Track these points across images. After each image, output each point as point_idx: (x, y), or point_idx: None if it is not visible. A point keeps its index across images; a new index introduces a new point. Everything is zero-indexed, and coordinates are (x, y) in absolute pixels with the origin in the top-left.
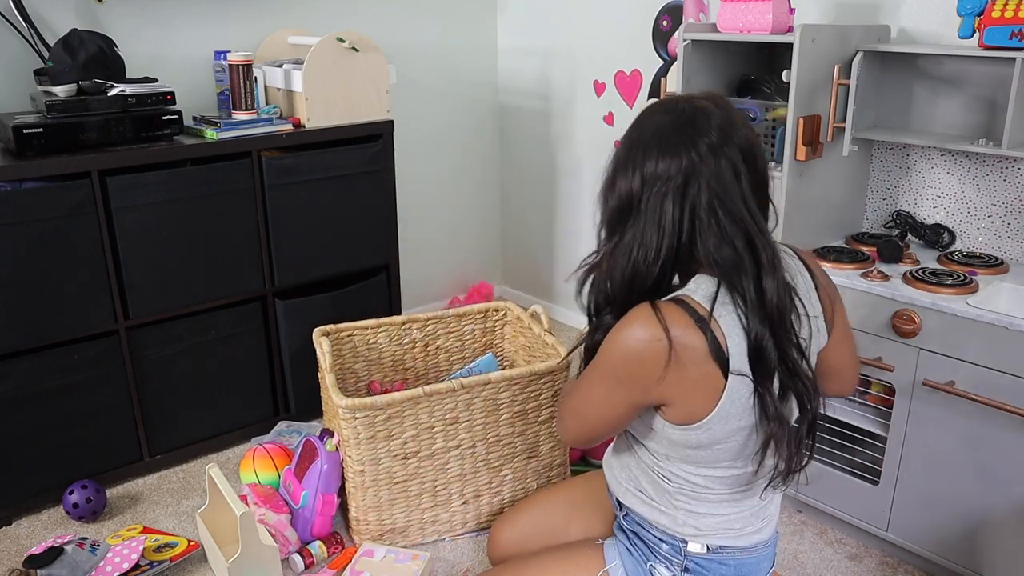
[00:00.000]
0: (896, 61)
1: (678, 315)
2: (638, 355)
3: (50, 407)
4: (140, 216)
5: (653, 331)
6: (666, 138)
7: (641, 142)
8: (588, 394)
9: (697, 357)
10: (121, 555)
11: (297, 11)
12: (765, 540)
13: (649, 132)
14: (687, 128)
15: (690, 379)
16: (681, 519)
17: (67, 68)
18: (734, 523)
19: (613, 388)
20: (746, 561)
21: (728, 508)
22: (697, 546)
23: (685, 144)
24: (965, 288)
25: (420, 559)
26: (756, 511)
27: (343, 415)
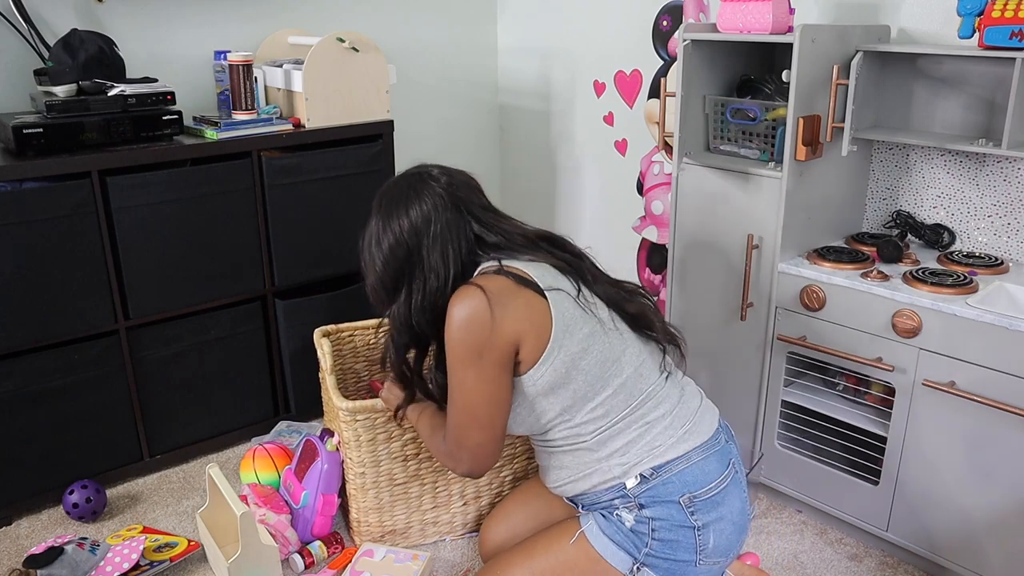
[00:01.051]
0: (896, 61)
1: (479, 279)
2: (471, 320)
3: (50, 407)
4: (140, 216)
5: (466, 298)
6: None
7: (391, 203)
8: (464, 391)
9: (509, 288)
10: (121, 555)
11: (297, 11)
12: (697, 445)
13: (389, 196)
14: (418, 178)
15: (518, 309)
16: (605, 467)
17: (67, 68)
18: (652, 442)
19: (478, 365)
20: (686, 470)
21: (638, 429)
22: (632, 480)
23: (427, 188)
24: (965, 288)
25: (420, 559)
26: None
27: (344, 418)
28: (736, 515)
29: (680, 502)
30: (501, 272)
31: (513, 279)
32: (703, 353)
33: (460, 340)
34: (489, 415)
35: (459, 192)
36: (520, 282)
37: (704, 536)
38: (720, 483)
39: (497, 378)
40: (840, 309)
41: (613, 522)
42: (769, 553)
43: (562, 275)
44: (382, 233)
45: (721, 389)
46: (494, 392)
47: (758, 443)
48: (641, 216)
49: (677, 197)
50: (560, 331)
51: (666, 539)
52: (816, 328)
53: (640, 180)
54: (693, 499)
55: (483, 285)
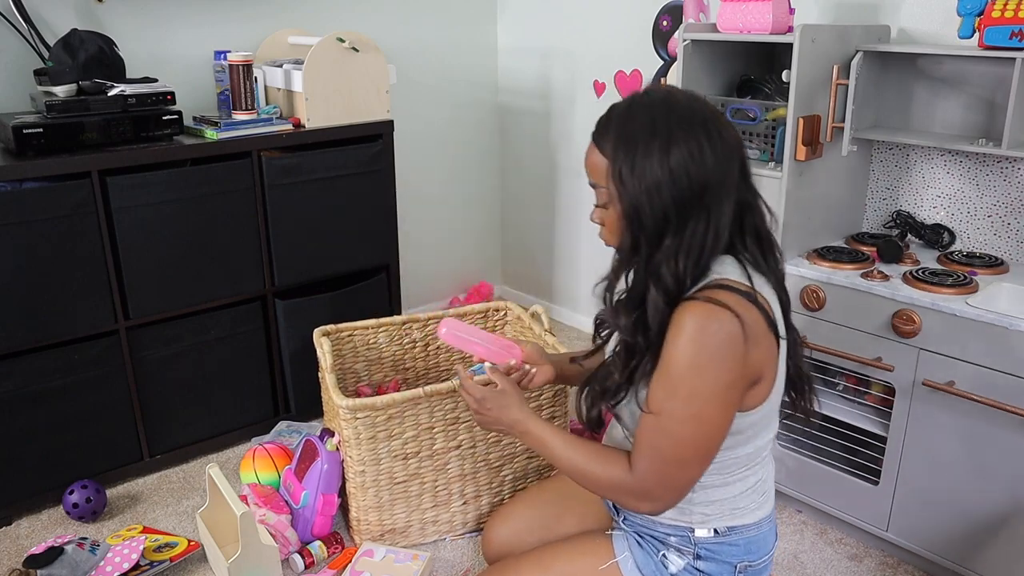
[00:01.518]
0: (896, 61)
1: (728, 295)
2: (732, 347)
3: (50, 407)
4: (140, 216)
5: (721, 318)
6: (707, 121)
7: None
8: (701, 424)
9: (761, 328)
10: (121, 555)
11: (297, 11)
12: (768, 515)
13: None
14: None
15: (763, 352)
16: (687, 508)
17: (67, 68)
18: (739, 502)
19: (726, 398)
20: (754, 538)
21: (734, 488)
22: (705, 531)
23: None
24: (965, 288)
25: (420, 559)
26: (758, 485)
27: (344, 415)
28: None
29: (736, 566)
30: (752, 301)
31: (763, 315)
32: None
33: (711, 366)
34: (714, 449)
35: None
36: (768, 322)
37: None
38: (771, 553)
39: (733, 414)
40: (840, 309)
41: (653, 562)
42: None
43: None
44: (689, 152)
45: None
46: (727, 427)
47: None
48: None
49: None
50: (779, 384)
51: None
52: (816, 328)
53: None
54: (748, 567)
55: (737, 312)
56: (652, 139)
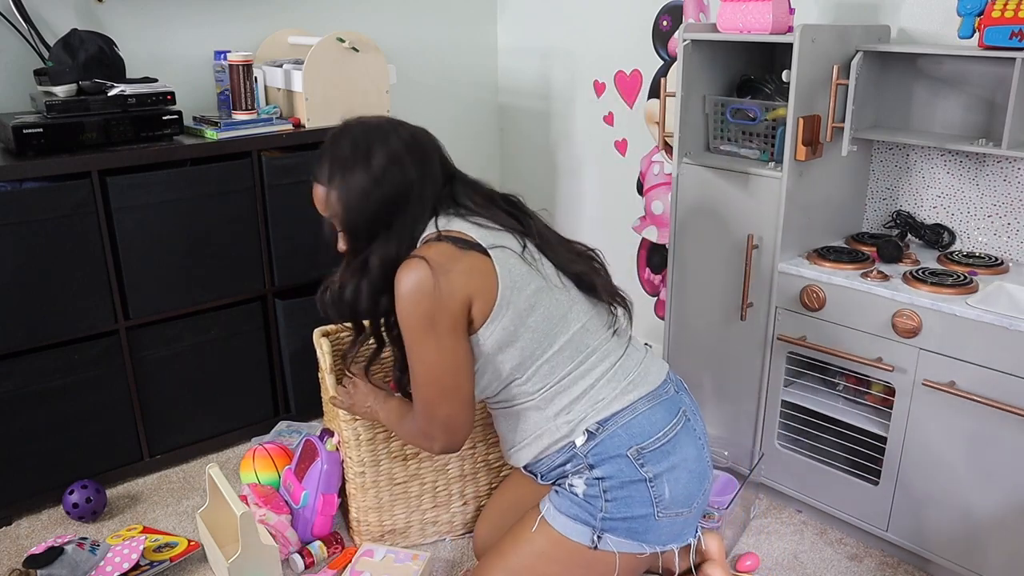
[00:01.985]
0: (896, 61)
1: (420, 250)
2: (418, 291)
3: (50, 407)
4: (140, 216)
5: (410, 270)
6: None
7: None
8: (425, 364)
9: (451, 254)
10: (121, 555)
11: (297, 11)
12: (643, 395)
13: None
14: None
15: (463, 273)
16: (553, 427)
17: (67, 68)
18: (595, 396)
19: (434, 335)
20: (632, 421)
21: (583, 384)
22: (580, 438)
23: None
24: (965, 288)
25: (420, 559)
26: (611, 375)
27: (344, 417)
28: (691, 463)
29: (628, 455)
30: (441, 239)
31: (454, 243)
32: (703, 353)
33: (411, 312)
34: (455, 383)
35: (426, 144)
36: (462, 245)
37: (658, 487)
38: (668, 431)
39: (455, 345)
40: (840, 309)
41: (565, 496)
42: (769, 553)
43: (507, 232)
44: (388, 160)
45: (721, 389)
46: (454, 359)
47: (758, 443)
48: (641, 216)
49: (677, 197)
50: (507, 288)
51: (619, 497)
52: (816, 328)
53: (640, 180)
54: (641, 451)
55: (425, 255)
56: (355, 161)
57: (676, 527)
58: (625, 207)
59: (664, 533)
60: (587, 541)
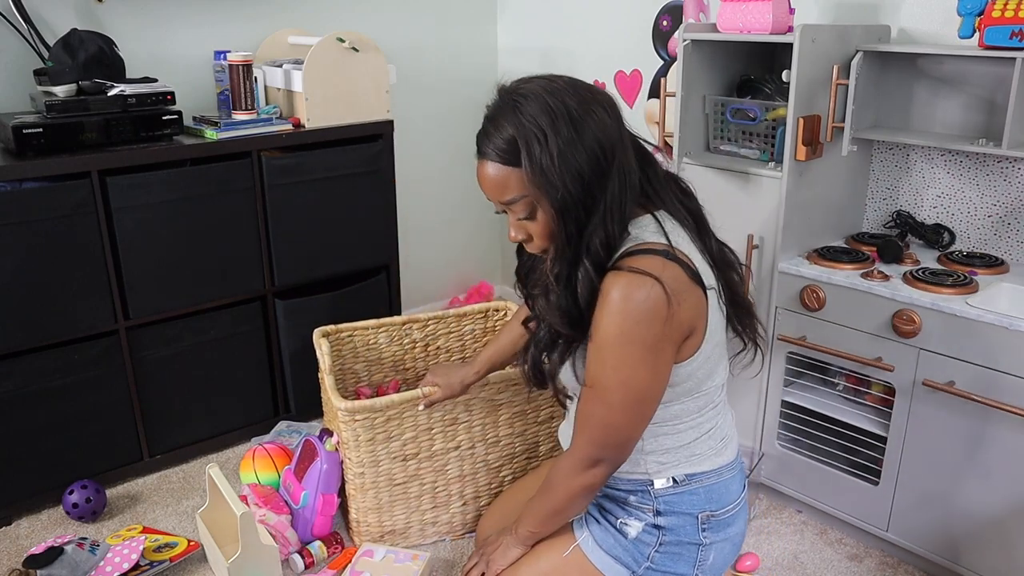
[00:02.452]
0: (896, 61)
1: (647, 260)
2: (653, 313)
3: (50, 407)
4: (140, 216)
5: (646, 285)
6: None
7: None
8: (633, 389)
9: (685, 282)
10: (121, 555)
11: (297, 11)
12: (730, 461)
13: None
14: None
15: (691, 306)
16: (641, 459)
17: (67, 68)
18: (695, 449)
19: (655, 362)
20: (714, 486)
21: (692, 433)
22: (663, 481)
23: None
24: (965, 288)
25: (420, 559)
26: (714, 431)
27: (343, 418)
28: (738, 537)
29: (699, 517)
30: (669, 259)
31: (684, 270)
32: None
33: (636, 333)
34: (651, 410)
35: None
36: (691, 275)
37: (706, 554)
38: (736, 504)
39: (665, 373)
40: (840, 309)
41: (612, 534)
42: (769, 553)
43: (708, 267)
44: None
45: None
46: (660, 388)
47: (758, 443)
48: None
49: None
50: (709, 335)
51: (671, 552)
52: (816, 328)
53: None
54: (711, 517)
55: (659, 277)
56: (556, 123)
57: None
58: None
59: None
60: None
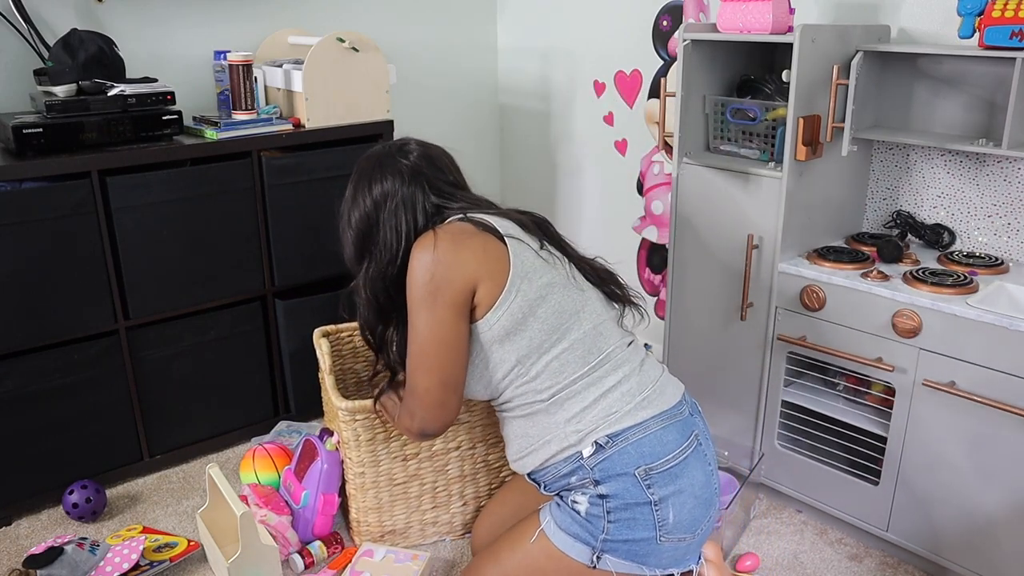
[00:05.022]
0: (896, 61)
1: (441, 226)
2: (424, 261)
3: (50, 407)
4: (140, 216)
5: (422, 242)
6: (374, 167)
7: (359, 178)
8: (416, 334)
9: (467, 231)
10: (121, 555)
11: (297, 11)
12: (655, 415)
13: (363, 167)
14: (389, 154)
15: (475, 251)
16: (562, 434)
17: (67, 68)
18: (609, 408)
19: (431, 306)
20: (643, 439)
21: (595, 392)
22: (588, 448)
23: (393, 165)
24: (965, 288)
25: (420, 559)
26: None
27: (343, 417)
28: (698, 488)
29: (636, 474)
30: (464, 220)
31: (474, 224)
32: (703, 353)
33: (416, 281)
34: (439, 358)
35: (423, 168)
36: (480, 227)
37: (663, 511)
38: (679, 454)
39: (449, 320)
40: (840, 309)
41: (567, 512)
42: (769, 553)
43: (526, 231)
44: (351, 208)
45: (721, 389)
46: (445, 334)
47: (758, 443)
48: (641, 216)
49: (677, 197)
50: (518, 275)
51: (622, 519)
52: (816, 328)
53: (640, 180)
54: (649, 471)
55: (439, 229)
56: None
57: (679, 552)
58: (625, 207)
59: (665, 557)
60: (586, 560)
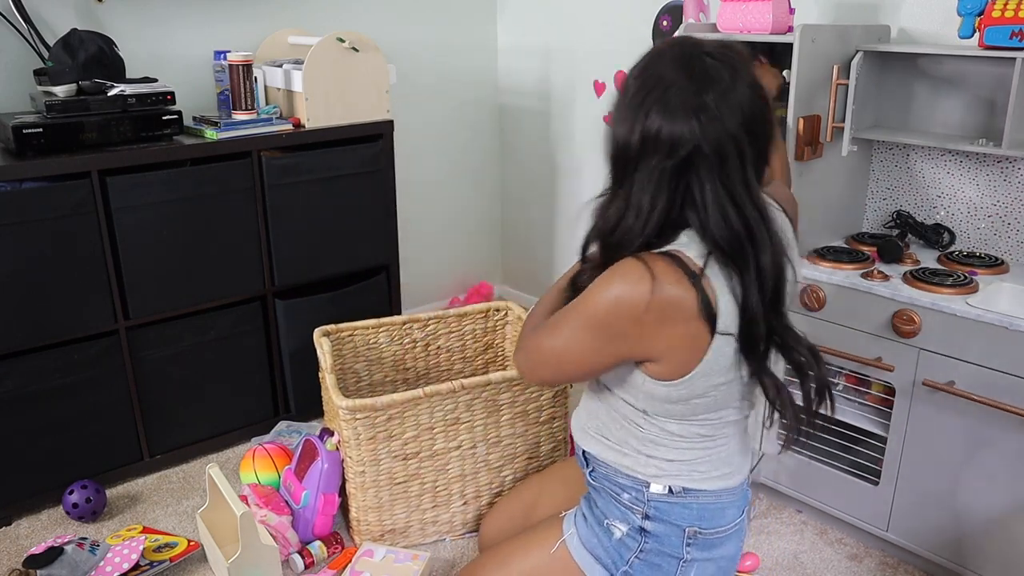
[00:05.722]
0: (896, 61)
1: (669, 269)
2: (621, 305)
3: (50, 407)
4: (140, 216)
5: (635, 279)
6: (671, 99)
7: (646, 92)
8: (572, 342)
9: (686, 312)
10: (121, 555)
11: (297, 11)
12: (731, 487)
13: (656, 85)
14: (695, 92)
15: (677, 335)
16: (643, 460)
17: (67, 68)
18: (699, 466)
19: (603, 341)
20: (709, 506)
21: (696, 453)
22: (659, 487)
23: (689, 112)
24: (965, 288)
25: (420, 559)
26: (722, 458)
27: (344, 416)
28: (726, 561)
29: (686, 531)
30: (695, 281)
31: (699, 300)
32: None
33: (598, 312)
34: (571, 375)
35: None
36: (703, 308)
37: (686, 570)
38: (729, 528)
39: (608, 363)
40: (840, 309)
41: (597, 533)
42: (769, 553)
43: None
44: (621, 113)
45: None
46: (594, 367)
47: (758, 443)
48: None
49: None
50: (700, 375)
51: (650, 562)
52: (816, 328)
53: None
54: (697, 534)
55: (666, 289)
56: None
57: None
58: None
59: None
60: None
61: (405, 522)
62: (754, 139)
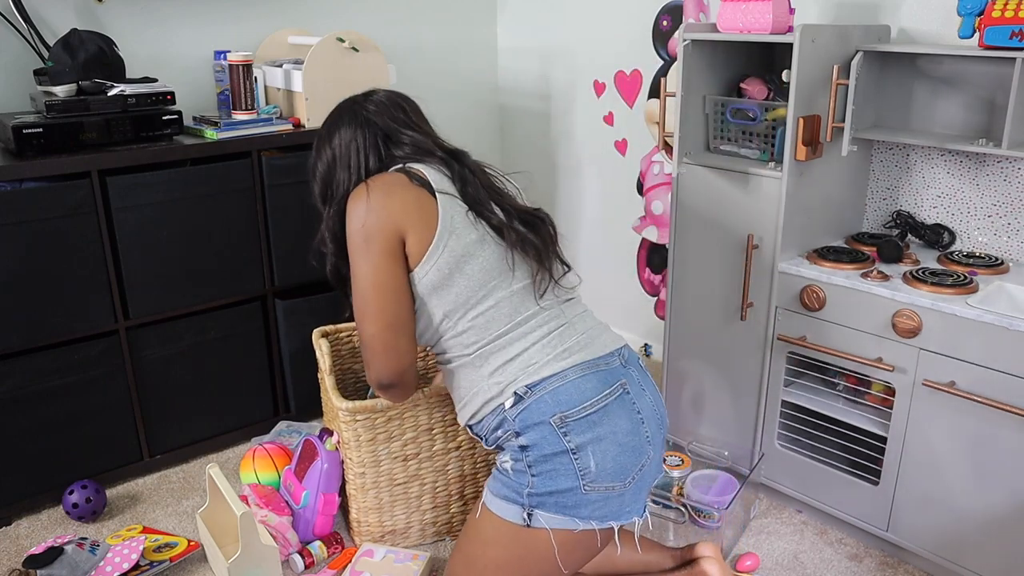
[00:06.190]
0: (896, 61)
1: (377, 176)
2: (357, 208)
3: (50, 407)
4: (140, 216)
5: (356, 191)
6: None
7: (324, 127)
8: (356, 281)
9: (399, 182)
10: (121, 555)
11: (297, 11)
12: (575, 364)
13: (328, 119)
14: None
15: (405, 201)
16: (486, 386)
17: (67, 68)
18: (529, 359)
19: (366, 252)
20: (560, 388)
21: (518, 346)
22: (509, 400)
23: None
24: (965, 288)
25: (420, 559)
26: (549, 341)
27: (343, 417)
28: (622, 435)
29: (551, 422)
30: (401, 170)
31: (407, 176)
32: (703, 353)
33: (350, 231)
34: (380, 302)
35: (382, 112)
36: (414, 179)
37: (582, 459)
38: (598, 402)
39: (385, 266)
40: (840, 309)
41: (498, 476)
42: (769, 553)
43: (454, 185)
44: (316, 158)
45: (721, 389)
46: (382, 279)
47: (758, 443)
48: (641, 216)
49: (677, 197)
50: (446, 229)
51: (544, 471)
52: (816, 328)
53: (640, 180)
54: (565, 419)
55: (371, 180)
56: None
57: (611, 503)
58: (625, 207)
59: (597, 508)
60: (519, 520)
61: (405, 523)
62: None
